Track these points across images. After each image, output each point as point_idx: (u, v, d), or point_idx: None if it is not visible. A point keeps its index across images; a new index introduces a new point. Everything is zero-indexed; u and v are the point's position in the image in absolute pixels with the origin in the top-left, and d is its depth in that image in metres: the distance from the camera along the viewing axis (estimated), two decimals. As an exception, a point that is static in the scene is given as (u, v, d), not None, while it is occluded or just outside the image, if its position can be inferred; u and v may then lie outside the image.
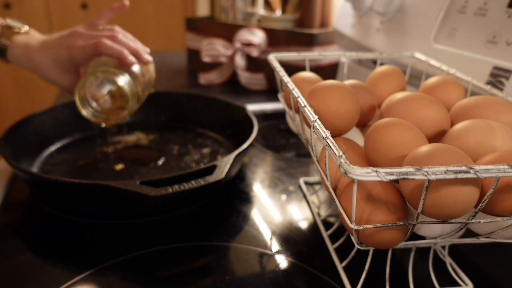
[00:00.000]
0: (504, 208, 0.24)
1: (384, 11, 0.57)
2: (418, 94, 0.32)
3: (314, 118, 0.28)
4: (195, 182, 0.36)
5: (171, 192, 0.35)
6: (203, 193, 0.44)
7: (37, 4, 1.79)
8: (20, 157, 0.47)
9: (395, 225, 0.25)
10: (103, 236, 0.39)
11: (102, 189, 0.36)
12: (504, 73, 0.40)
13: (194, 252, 0.37)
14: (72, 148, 0.55)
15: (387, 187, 0.26)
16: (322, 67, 0.80)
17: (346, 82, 0.37)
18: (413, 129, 0.27)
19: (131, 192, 0.35)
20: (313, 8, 0.80)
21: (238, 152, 0.43)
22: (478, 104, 0.31)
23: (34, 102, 1.90)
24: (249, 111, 0.56)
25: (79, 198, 0.40)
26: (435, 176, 0.21)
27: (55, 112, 0.56)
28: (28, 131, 0.51)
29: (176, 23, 2.02)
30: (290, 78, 0.38)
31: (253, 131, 0.49)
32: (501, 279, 0.34)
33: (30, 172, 0.40)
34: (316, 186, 0.48)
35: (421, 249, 0.37)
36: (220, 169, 0.39)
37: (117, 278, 0.33)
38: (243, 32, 0.81)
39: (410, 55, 0.46)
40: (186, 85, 0.89)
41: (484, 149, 0.26)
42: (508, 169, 0.21)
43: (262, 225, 0.41)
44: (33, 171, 0.45)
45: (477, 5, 0.45)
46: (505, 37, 0.41)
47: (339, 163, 0.22)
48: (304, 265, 0.35)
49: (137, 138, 0.60)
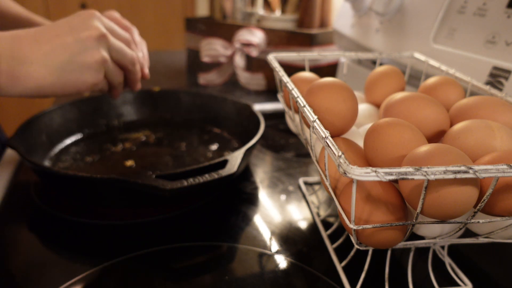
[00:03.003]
0: (503, 208, 0.24)
1: (383, 11, 0.57)
2: (418, 94, 0.32)
3: (314, 118, 0.28)
4: (209, 176, 0.37)
5: (186, 185, 0.36)
6: (215, 187, 0.45)
7: (37, 4, 1.79)
8: (31, 154, 0.47)
9: (394, 225, 0.25)
10: (103, 236, 0.39)
11: (119, 184, 0.37)
12: (503, 73, 0.40)
13: (194, 252, 0.37)
14: (81, 145, 0.56)
15: (386, 187, 0.26)
16: (322, 67, 0.80)
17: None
18: (413, 129, 0.27)
19: (148, 186, 0.36)
20: (313, 8, 0.80)
21: (248, 147, 0.44)
22: (478, 104, 0.31)
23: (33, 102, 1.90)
24: (255, 109, 0.56)
25: (93, 193, 0.41)
26: (434, 176, 0.21)
27: (63, 110, 0.57)
28: (38, 129, 0.52)
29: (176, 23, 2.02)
30: (290, 78, 0.38)
31: (260, 127, 0.50)
32: (500, 279, 0.35)
33: (50, 169, 0.41)
34: (315, 186, 0.48)
35: (421, 249, 0.37)
36: (232, 163, 0.40)
37: (117, 278, 0.33)
38: (243, 32, 0.81)
39: (410, 55, 0.46)
40: (185, 85, 0.89)
41: (483, 149, 0.26)
42: (507, 169, 0.21)
43: (262, 225, 0.41)
44: (54, 168, 0.46)
45: (476, 5, 0.45)
46: (504, 37, 0.41)
47: (338, 163, 0.22)
48: (303, 265, 0.35)
49: (144, 135, 0.60)
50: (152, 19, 1.97)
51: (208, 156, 0.54)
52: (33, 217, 0.41)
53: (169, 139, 0.59)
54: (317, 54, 0.44)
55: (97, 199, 0.42)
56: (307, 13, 0.80)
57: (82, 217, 0.41)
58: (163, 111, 0.66)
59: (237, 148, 0.54)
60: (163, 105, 0.66)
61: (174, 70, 1.01)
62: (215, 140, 0.59)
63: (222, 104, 0.63)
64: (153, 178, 0.37)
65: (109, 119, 0.62)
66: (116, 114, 0.63)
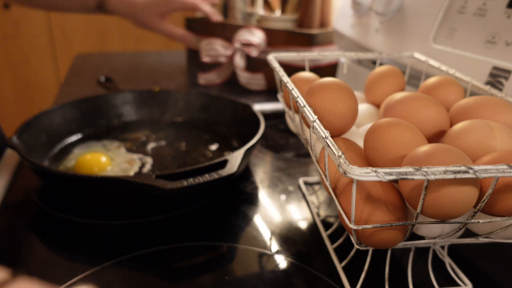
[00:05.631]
0: (503, 208, 0.24)
1: (383, 11, 0.57)
2: (418, 94, 0.32)
3: (314, 118, 0.28)
4: (209, 176, 0.37)
5: (186, 185, 0.36)
6: (214, 187, 0.45)
7: (37, 4, 1.79)
8: (31, 154, 0.47)
9: (394, 225, 0.25)
10: (103, 236, 0.39)
11: (119, 184, 0.37)
12: (503, 73, 0.40)
13: (194, 252, 0.37)
14: (81, 146, 0.56)
15: (386, 187, 0.26)
16: (322, 67, 0.80)
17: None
18: (413, 129, 0.27)
19: (148, 186, 0.36)
20: (313, 8, 0.80)
21: (248, 147, 0.44)
22: (478, 104, 0.31)
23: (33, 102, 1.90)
24: (255, 109, 0.57)
25: (94, 194, 0.41)
26: (434, 176, 0.21)
27: (63, 110, 0.57)
28: (38, 129, 0.52)
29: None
30: (290, 78, 0.38)
31: (260, 127, 0.50)
32: (500, 279, 0.35)
33: (50, 169, 0.40)
34: (315, 186, 0.48)
35: (421, 249, 0.37)
36: (232, 163, 0.40)
37: (117, 278, 0.33)
38: (243, 32, 0.81)
39: (410, 55, 0.46)
40: (185, 85, 0.89)
41: (484, 149, 0.26)
42: (507, 169, 0.21)
43: (262, 225, 0.41)
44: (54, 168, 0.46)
45: (476, 5, 0.45)
46: (504, 37, 0.41)
47: (338, 163, 0.22)
48: (303, 265, 0.35)
49: (144, 135, 0.60)
50: (152, 19, 1.97)
51: (208, 156, 0.54)
52: (33, 217, 0.41)
53: (169, 139, 0.59)
54: (317, 54, 0.44)
55: (97, 199, 0.42)
56: (307, 13, 0.80)
57: (82, 217, 0.41)
58: (163, 111, 0.66)
59: (237, 148, 0.54)
60: (163, 105, 0.66)
61: (174, 70, 1.01)
62: (215, 140, 0.59)
63: (222, 104, 0.63)
64: (153, 178, 0.37)
65: (109, 119, 0.62)
66: (116, 114, 0.63)
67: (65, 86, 0.86)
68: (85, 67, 1.02)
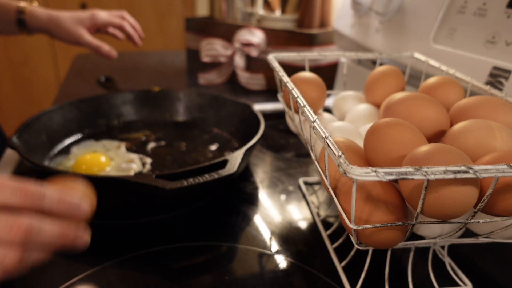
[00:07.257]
0: (503, 208, 0.24)
1: (383, 11, 0.57)
2: (418, 94, 0.32)
3: (314, 118, 0.28)
4: (209, 176, 0.37)
5: (186, 185, 0.36)
6: (215, 187, 0.45)
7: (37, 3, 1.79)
8: (31, 154, 0.47)
9: (394, 225, 0.25)
10: (103, 236, 0.39)
11: (119, 184, 0.37)
12: (503, 73, 0.40)
13: (194, 252, 0.37)
14: (80, 145, 0.56)
15: (386, 187, 0.26)
16: (322, 67, 0.80)
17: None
18: (413, 129, 0.27)
19: (148, 186, 0.36)
20: (313, 8, 0.80)
21: (248, 147, 0.44)
22: (478, 104, 0.31)
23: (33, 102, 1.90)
24: (255, 109, 0.56)
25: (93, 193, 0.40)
26: (434, 176, 0.21)
27: (63, 110, 0.57)
28: (38, 129, 0.52)
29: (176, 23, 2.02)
30: (290, 78, 0.38)
31: (260, 127, 0.50)
32: (500, 279, 0.34)
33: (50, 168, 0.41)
34: (315, 186, 0.48)
35: (421, 249, 0.37)
36: (232, 163, 0.40)
37: (117, 278, 0.33)
38: (243, 32, 0.81)
39: (410, 55, 0.46)
40: (185, 85, 0.89)
41: (484, 149, 0.26)
42: (507, 169, 0.21)
43: (262, 225, 0.41)
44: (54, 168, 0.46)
45: (476, 5, 0.45)
46: (504, 37, 0.41)
47: (338, 163, 0.22)
48: (303, 265, 0.35)
49: (144, 135, 0.60)
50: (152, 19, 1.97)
51: (208, 156, 0.54)
52: (33, 217, 0.41)
53: (169, 139, 0.59)
54: (317, 54, 0.44)
55: (97, 199, 0.42)
56: (307, 13, 0.80)
57: (82, 217, 0.41)
58: (163, 111, 0.66)
59: (237, 148, 0.54)
60: (163, 105, 0.66)
61: (174, 70, 1.01)
62: (215, 140, 0.59)
63: (222, 104, 0.63)
64: (153, 178, 0.37)
65: (109, 119, 0.62)
66: (116, 114, 0.63)
67: (65, 86, 0.86)
68: (85, 67, 1.02)
